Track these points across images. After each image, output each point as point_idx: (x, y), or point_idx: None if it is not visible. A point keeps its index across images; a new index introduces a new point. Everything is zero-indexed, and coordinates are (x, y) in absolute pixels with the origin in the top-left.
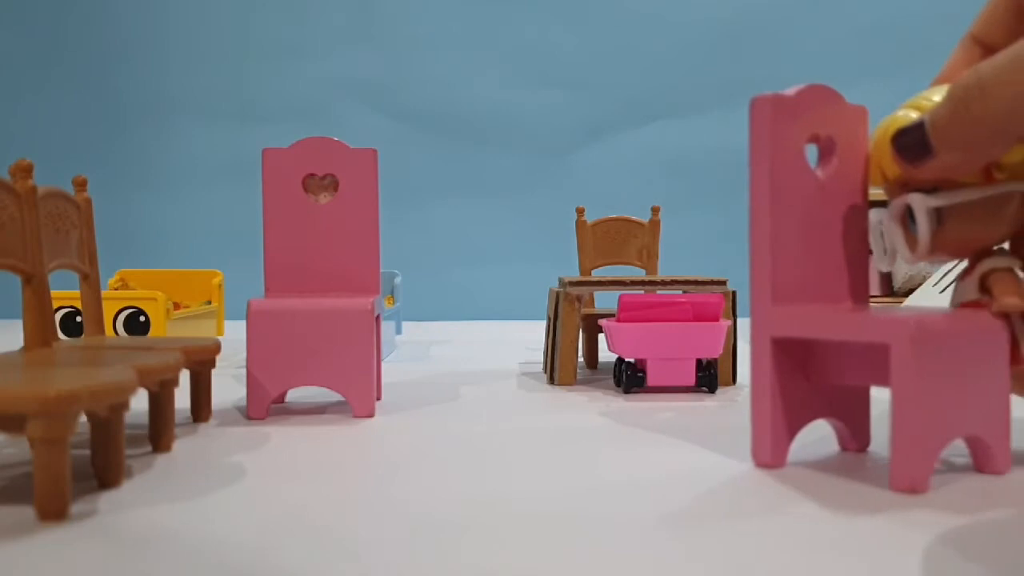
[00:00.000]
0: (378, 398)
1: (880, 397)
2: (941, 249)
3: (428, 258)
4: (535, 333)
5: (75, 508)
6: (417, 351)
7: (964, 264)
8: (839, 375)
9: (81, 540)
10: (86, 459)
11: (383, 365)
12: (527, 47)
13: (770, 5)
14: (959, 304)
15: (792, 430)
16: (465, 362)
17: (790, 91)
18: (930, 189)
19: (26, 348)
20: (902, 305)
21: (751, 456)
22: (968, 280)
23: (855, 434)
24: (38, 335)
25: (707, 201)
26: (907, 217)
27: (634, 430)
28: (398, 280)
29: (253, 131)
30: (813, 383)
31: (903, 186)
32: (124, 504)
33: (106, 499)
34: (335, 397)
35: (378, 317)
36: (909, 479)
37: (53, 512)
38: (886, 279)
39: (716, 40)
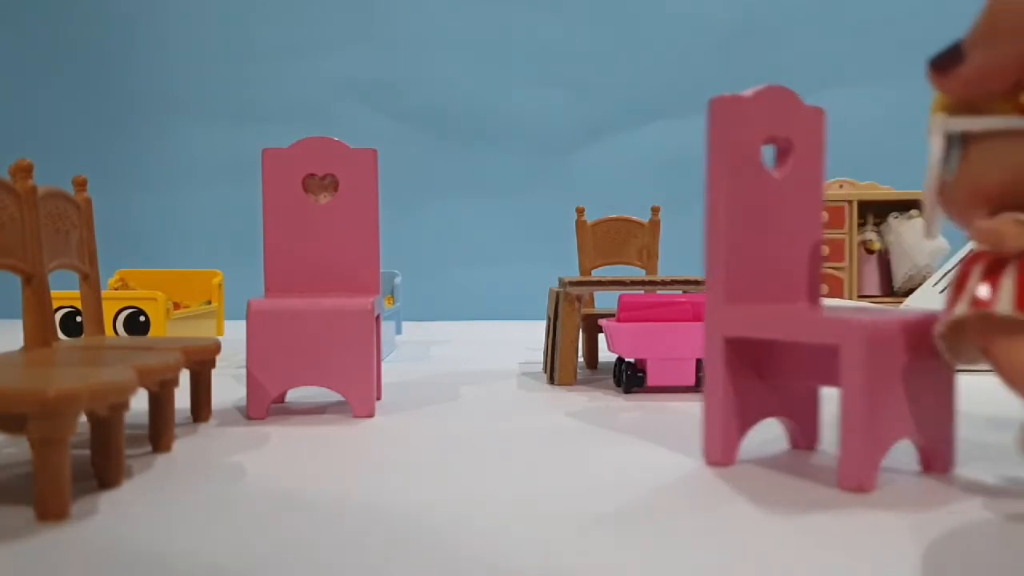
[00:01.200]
0: (378, 398)
1: (832, 396)
2: (953, 196)
3: (428, 258)
4: (535, 333)
5: (75, 508)
6: (417, 351)
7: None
8: (792, 375)
9: (81, 540)
10: (86, 459)
11: (383, 365)
12: (527, 47)
13: (770, 5)
14: (970, 256)
15: (743, 428)
16: (465, 362)
17: (747, 93)
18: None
19: (26, 348)
20: (856, 306)
21: (702, 454)
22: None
23: (805, 432)
24: (38, 335)
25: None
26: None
27: (625, 429)
28: (398, 280)
29: (253, 131)
30: (766, 382)
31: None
32: (124, 504)
33: (106, 499)
34: (335, 397)
35: (378, 317)
36: (857, 478)
37: (53, 512)
38: (886, 279)
39: (716, 40)
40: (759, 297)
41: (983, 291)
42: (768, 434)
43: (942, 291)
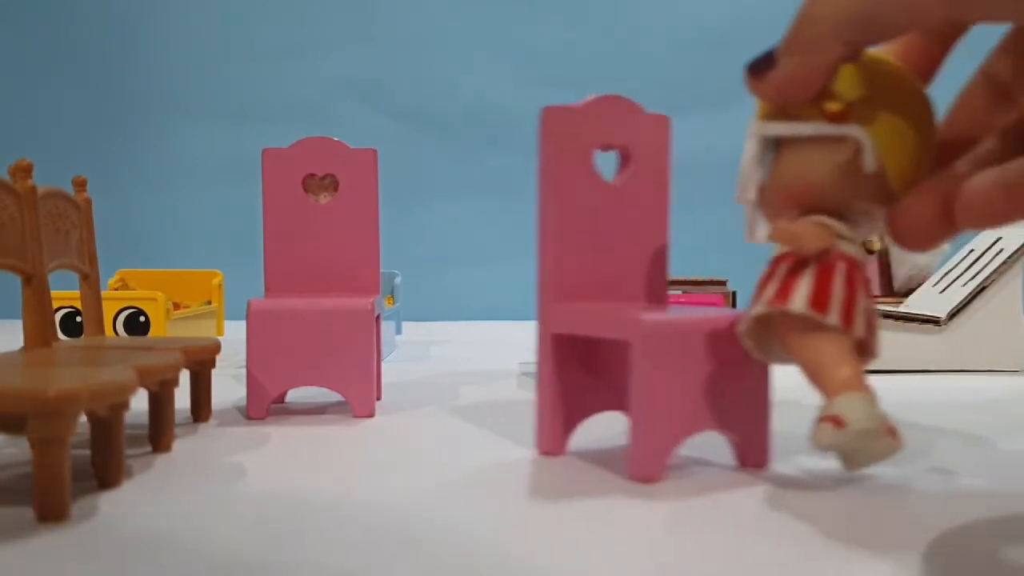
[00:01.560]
0: (378, 398)
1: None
2: (769, 197)
3: (428, 258)
4: (535, 333)
5: (75, 508)
6: (417, 351)
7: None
8: (616, 370)
9: (81, 541)
10: (86, 459)
11: (383, 365)
12: (527, 47)
13: (770, 4)
14: (776, 257)
15: (573, 420)
16: (465, 362)
17: (579, 103)
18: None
19: (26, 348)
20: (688, 308)
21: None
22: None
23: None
24: (38, 335)
25: (707, 201)
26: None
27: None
28: (398, 280)
29: (253, 131)
30: (598, 378)
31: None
32: (124, 504)
33: (106, 499)
34: (335, 397)
35: (378, 317)
36: (643, 469)
37: (53, 512)
38: (887, 280)
39: (717, 40)
40: (591, 296)
41: (771, 290)
42: (620, 428)
43: (943, 291)
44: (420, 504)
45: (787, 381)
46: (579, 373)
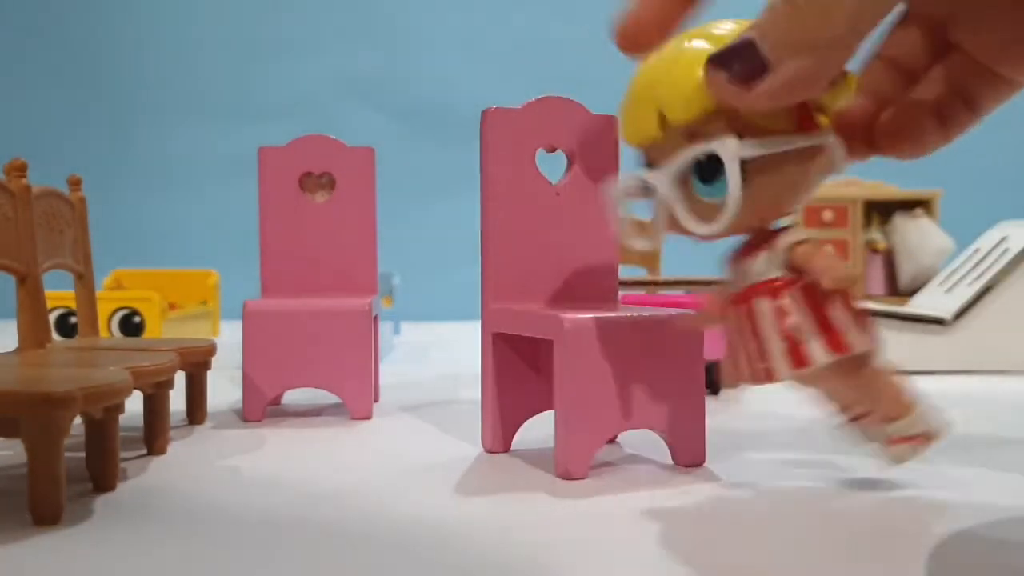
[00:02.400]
0: (375, 400)
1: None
2: (742, 217)
3: (427, 258)
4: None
5: (70, 511)
6: (415, 352)
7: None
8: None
9: (76, 543)
10: (81, 462)
11: (381, 366)
12: (527, 45)
13: None
14: (744, 289)
15: (517, 419)
16: (464, 363)
17: (520, 105)
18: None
19: (20, 349)
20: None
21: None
22: (762, 256)
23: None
24: (32, 336)
25: None
26: (690, 179)
27: None
28: (396, 280)
29: (249, 129)
30: (543, 376)
31: (691, 136)
32: (119, 507)
33: (101, 502)
34: (332, 399)
35: (376, 318)
36: (565, 466)
37: (48, 515)
38: (891, 279)
39: None
40: (535, 296)
41: (819, 338)
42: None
43: (948, 290)
44: (420, 505)
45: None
46: (523, 371)
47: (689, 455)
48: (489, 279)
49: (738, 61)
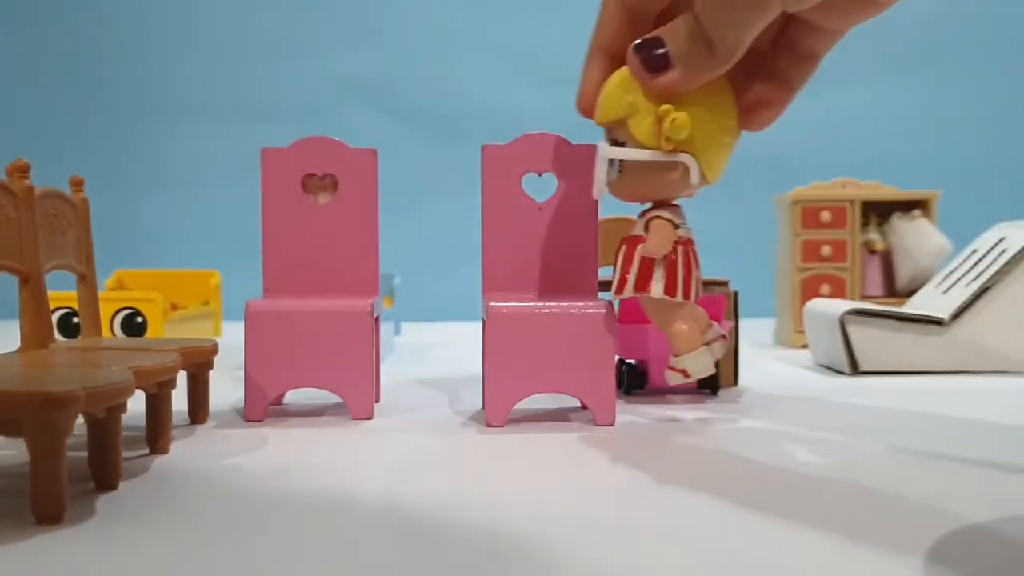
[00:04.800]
0: (377, 400)
1: None
2: (617, 193)
3: (428, 259)
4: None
5: (72, 510)
6: (416, 352)
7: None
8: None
9: (78, 543)
10: (83, 461)
11: (382, 367)
12: (528, 46)
13: None
14: (627, 236)
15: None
16: (465, 364)
17: (509, 143)
18: (620, 145)
19: (23, 349)
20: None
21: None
22: (640, 220)
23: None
24: (35, 336)
25: (709, 201)
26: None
27: (625, 430)
28: (397, 281)
29: (252, 131)
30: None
31: (608, 132)
32: (121, 506)
33: (103, 501)
34: (333, 399)
35: (377, 318)
36: (492, 417)
37: (50, 514)
38: (889, 280)
39: None
40: (525, 290)
41: (633, 278)
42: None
43: (945, 291)
44: (421, 505)
45: None
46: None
47: (603, 417)
48: (486, 279)
49: (649, 51)
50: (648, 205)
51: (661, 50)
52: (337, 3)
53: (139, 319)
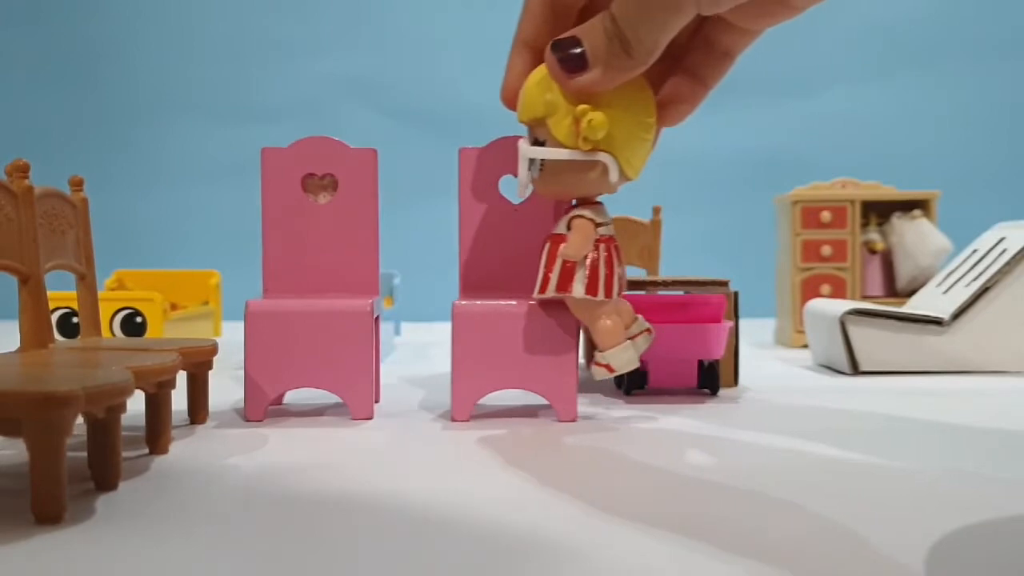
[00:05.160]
0: (377, 400)
1: None
2: (540, 192)
3: (428, 259)
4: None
5: (72, 510)
6: (416, 353)
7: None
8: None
9: (77, 543)
10: (83, 461)
11: (382, 367)
12: None
13: None
14: (551, 234)
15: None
16: None
17: (486, 145)
18: (540, 144)
19: (22, 349)
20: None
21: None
22: (563, 218)
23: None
24: (34, 336)
25: (709, 201)
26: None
27: (622, 430)
28: (397, 281)
29: (251, 130)
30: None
31: (530, 131)
32: (121, 506)
33: (103, 501)
34: (333, 399)
35: (377, 318)
36: (457, 412)
37: (49, 514)
38: (889, 280)
39: None
40: (496, 288)
41: (555, 279)
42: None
43: (946, 292)
44: (421, 505)
45: None
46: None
47: (564, 412)
48: (463, 279)
49: (567, 51)
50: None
51: (578, 50)
52: (337, 3)
53: (139, 319)
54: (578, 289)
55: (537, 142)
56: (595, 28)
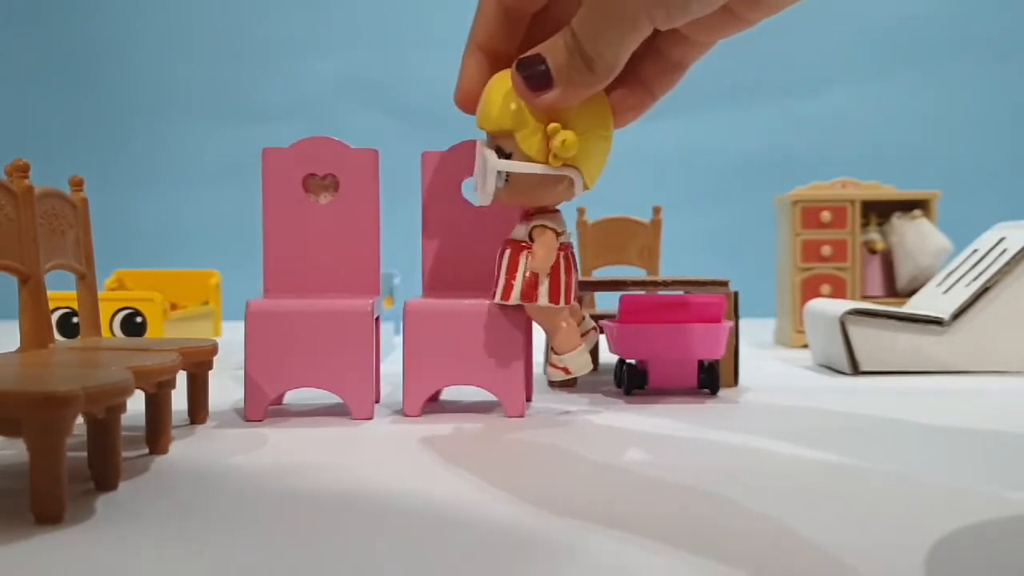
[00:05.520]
0: (377, 400)
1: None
2: (506, 200)
3: None
4: (535, 334)
5: (71, 510)
6: None
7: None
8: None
9: (77, 542)
10: (83, 461)
11: (382, 366)
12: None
13: None
14: (510, 239)
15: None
16: None
17: (448, 149)
18: (506, 155)
19: (22, 349)
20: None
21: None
22: (522, 225)
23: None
24: (34, 336)
25: (709, 201)
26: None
27: (621, 431)
28: (397, 281)
29: (253, 130)
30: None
31: (493, 140)
32: (121, 506)
33: (103, 501)
34: (334, 399)
35: (377, 318)
36: (408, 408)
37: (49, 514)
38: (889, 280)
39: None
40: (459, 287)
41: (519, 286)
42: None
43: (946, 291)
44: (422, 504)
45: None
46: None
47: (512, 408)
48: (426, 279)
49: (532, 70)
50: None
51: (542, 67)
52: (337, 3)
53: (139, 319)
54: (542, 299)
55: (500, 151)
56: (557, 45)
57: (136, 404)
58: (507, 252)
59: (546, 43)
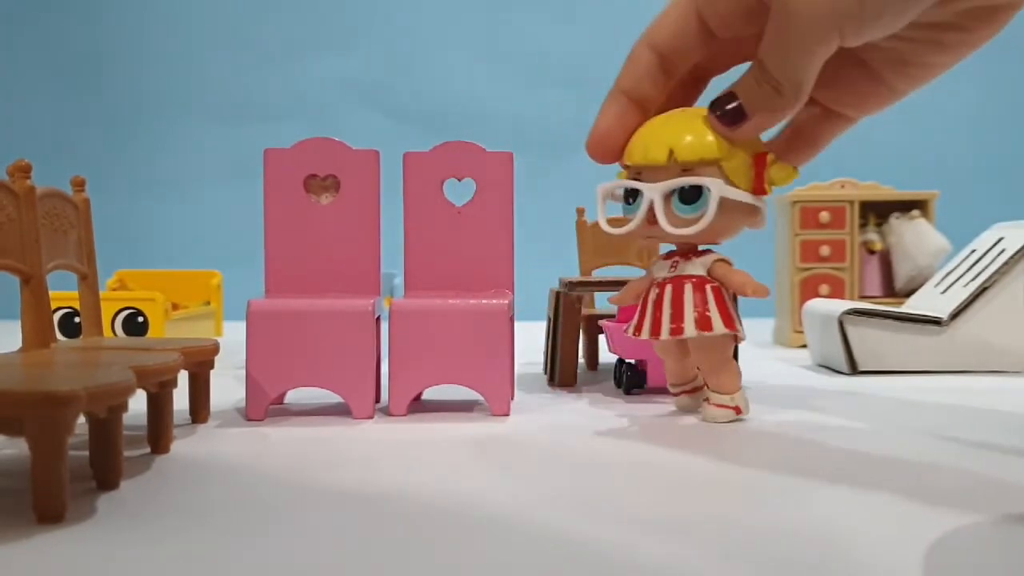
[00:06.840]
0: (377, 400)
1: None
2: (696, 231)
3: None
4: (535, 334)
5: (73, 509)
6: None
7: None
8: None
9: (79, 542)
10: (84, 460)
11: (383, 366)
12: (527, 47)
13: None
14: (684, 275)
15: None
16: None
17: (430, 150)
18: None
19: (24, 349)
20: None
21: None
22: (696, 260)
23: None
24: (36, 336)
25: None
26: (672, 197)
27: (621, 431)
28: (398, 281)
29: (254, 131)
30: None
31: (685, 170)
32: (122, 505)
33: (104, 500)
34: (334, 399)
35: (378, 318)
36: (394, 407)
37: (51, 514)
38: (887, 280)
39: None
40: (440, 286)
41: (692, 316)
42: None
43: (944, 291)
44: (422, 504)
45: None
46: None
47: (498, 407)
48: (408, 279)
49: (725, 107)
50: (670, 247)
51: (735, 103)
52: (338, 4)
53: (140, 319)
54: (718, 327)
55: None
56: (746, 79)
57: (138, 403)
58: (682, 287)
59: (737, 81)
